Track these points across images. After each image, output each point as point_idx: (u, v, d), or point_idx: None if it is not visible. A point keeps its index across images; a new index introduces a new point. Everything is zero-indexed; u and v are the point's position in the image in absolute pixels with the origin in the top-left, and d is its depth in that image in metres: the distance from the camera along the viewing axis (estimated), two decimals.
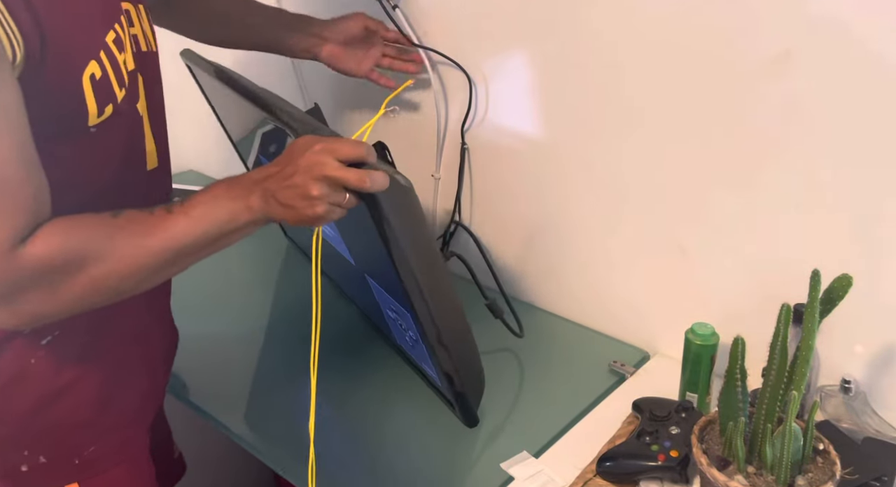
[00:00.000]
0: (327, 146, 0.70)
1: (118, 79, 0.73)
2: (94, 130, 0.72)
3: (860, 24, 0.83)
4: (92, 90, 0.69)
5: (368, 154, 0.71)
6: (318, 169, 0.69)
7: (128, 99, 0.75)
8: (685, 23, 0.96)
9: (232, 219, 0.72)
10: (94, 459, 0.85)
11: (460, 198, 1.33)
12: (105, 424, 0.86)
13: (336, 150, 0.70)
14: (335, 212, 0.72)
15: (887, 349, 0.93)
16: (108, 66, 0.71)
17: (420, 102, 1.31)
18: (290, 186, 0.70)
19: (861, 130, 0.87)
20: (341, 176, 0.69)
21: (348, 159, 0.70)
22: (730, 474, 0.76)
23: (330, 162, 0.69)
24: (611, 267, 1.17)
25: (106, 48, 0.71)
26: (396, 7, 1.24)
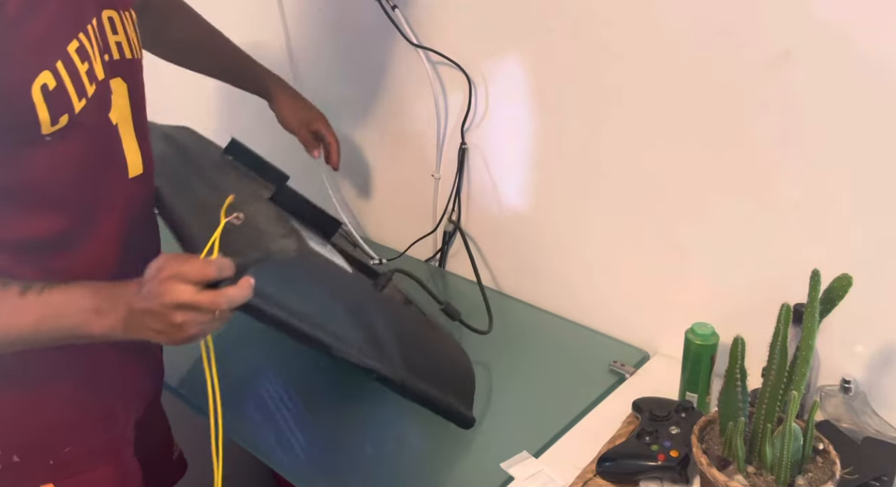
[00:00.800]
0: (175, 272, 0.69)
1: (77, 89, 0.72)
2: (49, 138, 0.71)
3: (860, 24, 0.84)
4: (44, 100, 0.68)
5: (220, 272, 0.70)
6: (170, 297, 0.68)
7: (92, 108, 0.74)
8: (686, 23, 0.96)
9: (85, 328, 0.72)
10: (71, 460, 0.85)
11: (460, 198, 1.33)
12: (82, 425, 0.86)
13: (184, 276, 0.69)
14: (210, 327, 0.72)
15: (887, 349, 0.93)
16: (65, 76, 0.70)
17: (420, 102, 1.31)
18: (153, 313, 0.70)
19: (861, 130, 0.87)
20: (194, 302, 0.69)
21: (200, 282, 0.69)
22: (730, 474, 0.76)
23: (180, 289, 0.68)
24: (611, 267, 1.17)
25: (65, 58, 0.70)
26: (396, 7, 1.24)
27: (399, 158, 1.41)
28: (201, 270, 0.69)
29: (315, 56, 1.46)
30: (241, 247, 0.76)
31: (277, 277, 0.76)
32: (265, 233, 0.82)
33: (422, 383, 0.86)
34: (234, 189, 0.93)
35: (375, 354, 0.82)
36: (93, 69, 0.74)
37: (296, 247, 0.80)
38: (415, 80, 1.30)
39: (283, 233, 0.84)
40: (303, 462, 0.96)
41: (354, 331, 0.82)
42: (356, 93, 1.42)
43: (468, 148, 1.28)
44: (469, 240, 1.36)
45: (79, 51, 0.72)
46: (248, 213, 0.84)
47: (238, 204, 0.88)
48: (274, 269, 0.75)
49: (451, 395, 0.90)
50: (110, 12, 0.78)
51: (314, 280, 0.81)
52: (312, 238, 0.91)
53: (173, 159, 1.01)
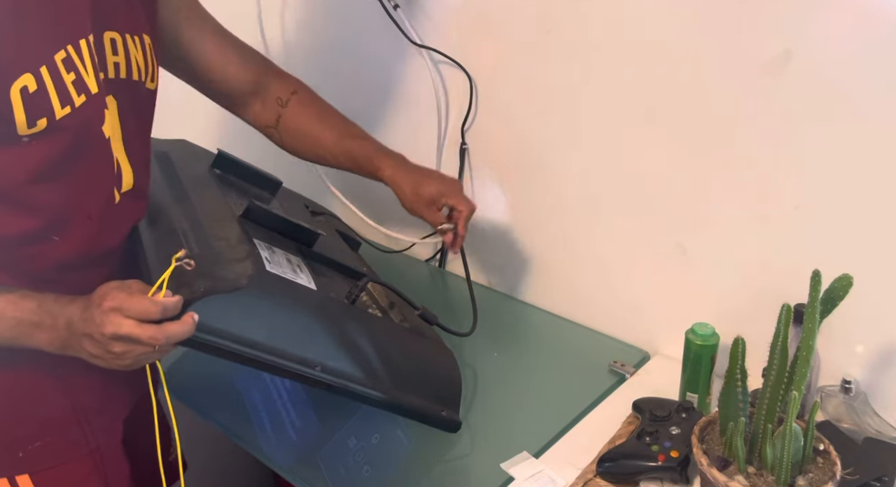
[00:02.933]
0: (118, 305, 0.70)
1: (61, 96, 0.73)
2: (26, 140, 0.72)
3: (860, 24, 0.83)
4: (21, 101, 0.70)
5: (163, 313, 0.71)
6: (110, 328, 0.69)
7: (79, 118, 0.75)
8: (687, 23, 0.96)
9: (22, 342, 0.74)
10: (42, 454, 0.85)
11: None
12: (53, 420, 0.86)
13: (126, 310, 0.70)
14: (150, 358, 0.73)
15: (887, 349, 0.93)
16: (48, 81, 0.72)
17: (420, 102, 1.31)
18: (92, 339, 0.71)
19: (861, 130, 0.87)
20: (133, 336, 0.69)
21: (140, 319, 0.70)
22: (730, 474, 0.76)
23: (119, 322, 0.69)
24: (611, 267, 1.17)
25: (50, 65, 0.72)
26: (397, 7, 1.24)
27: None
28: (144, 308, 0.70)
29: (316, 56, 1.46)
30: (190, 278, 0.77)
31: (224, 309, 0.76)
32: (221, 259, 0.83)
33: (396, 395, 0.86)
34: (209, 209, 0.95)
35: (339, 372, 0.82)
36: (82, 81, 0.76)
37: (250, 273, 0.80)
38: (416, 80, 1.30)
39: (240, 256, 0.83)
40: (303, 461, 0.96)
41: (314, 352, 0.82)
42: (357, 93, 1.42)
43: (468, 148, 1.28)
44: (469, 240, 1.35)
45: (65, 61, 0.73)
46: (209, 239, 0.86)
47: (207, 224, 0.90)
48: (220, 301, 0.76)
49: (433, 402, 0.90)
50: (113, 34, 0.81)
51: (266, 306, 0.81)
52: (283, 254, 0.91)
53: (156, 182, 1.02)
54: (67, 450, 0.87)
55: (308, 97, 1.09)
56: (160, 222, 0.92)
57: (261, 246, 0.88)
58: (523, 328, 1.25)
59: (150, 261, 0.84)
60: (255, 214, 0.94)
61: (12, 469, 0.84)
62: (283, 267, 0.87)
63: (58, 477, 0.87)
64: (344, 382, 0.83)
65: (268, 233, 0.95)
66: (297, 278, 0.87)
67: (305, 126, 1.07)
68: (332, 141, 1.05)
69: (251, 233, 0.91)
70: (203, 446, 1.31)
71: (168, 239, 0.88)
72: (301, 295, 0.85)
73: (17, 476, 0.84)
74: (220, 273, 0.80)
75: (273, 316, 0.81)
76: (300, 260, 0.94)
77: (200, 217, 0.93)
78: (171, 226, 0.90)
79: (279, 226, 0.97)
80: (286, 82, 1.09)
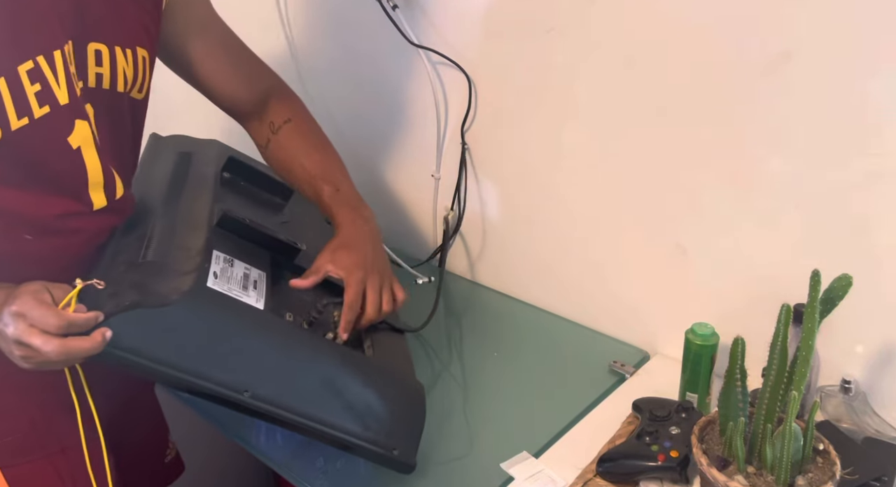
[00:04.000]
0: (22, 311, 0.69)
1: (18, 107, 0.73)
2: None
3: (860, 24, 0.83)
4: None
5: (66, 329, 0.70)
6: (12, 332, 0.69)
7: (38, 129, 0.75)
8: (687, 23, 0.96)
9: None
10: (12, 450, 0.86)
11: (460, 198, 1.33)
12: (19, 415, 0.86)
13: (29, 318, 0.69)
14: (50, 366, 0.72)
15: (887, 349, 0.93)
16: (5, 93, 0.72)
17: (420, 102, 1.31)
18: (0, 334, 0.71)
19: (861, 130, 0.87)
20: (34, 345, 0.69)
21: (41, 329, 0.69)
22: (730, 474, 0.76)
23: (22, 328, 0.69)
24: (611, 267, 1.17)
25: (10, 76, 0.72)
26: (396, 7, 1.24)
27: (399, 158, 1.41)
28: (45, 321, 0.69)
29: (315, 56, 1.46)
30: (121, 288, 0.76)
31: (145, 325, 0.74)
32: (166, 270, 0.81)
33: (337, 428, 0.81)
34: (191, 215, 0.93)
35: (270, 399, 0.78)
36: (50, 92, 0.75)
37: (185, 288, 0.77)
38: (415, 80, 1.30)
39: (187, 269, 0.81)
40: (303, 461, 0.96)
41: (243, 376, 0.78)
42: (356, 93, 1.42)
43: (468, 148, 1.28)
44: (468, 240, 1.36)
45: (31, 72, 0.73)
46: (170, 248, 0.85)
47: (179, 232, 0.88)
48: (142, 317, 0.74)
49: (384, 439, 0.83)
50: (98, 45, 0.81)
51: (194, 324, 0.78)
52: (243, 268, 0.88)
53: (160, 183, 1.01)
54: (37, 449, 0.88)
55: (299, 127, 1.07)
56: (138, 225, 0.91)
57: (217, 259, 0.85)
58: (523, 328, 1.25)
59: (101, 264, 0.83)
60: (229, 224, 0.92)
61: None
62: (232, 284, 0.83)
63: (28, 474, 0.87)
64: (276, 410, 0.78)
65: (242, 245, 0.92)
66: (243, 296, 0.83)
67: (287, 156, 1.06)
68: (304, 178, 1.04)
69: (220, 243, 0.88)
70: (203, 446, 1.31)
71: (133, 244, 0.87)
72: (239, 314, 0.81)
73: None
74: (155, 286, 0.78)
75: (201, 336, 0.78)
76: (262, 276, 0.90)
77: (177, 223, 0.91)
78: (142, 231, 0.89)
79: (255, 238, 0.95)
80: (284, 108, 1.08)
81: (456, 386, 1.11)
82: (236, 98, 1.04)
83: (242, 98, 1.05)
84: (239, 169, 1.13)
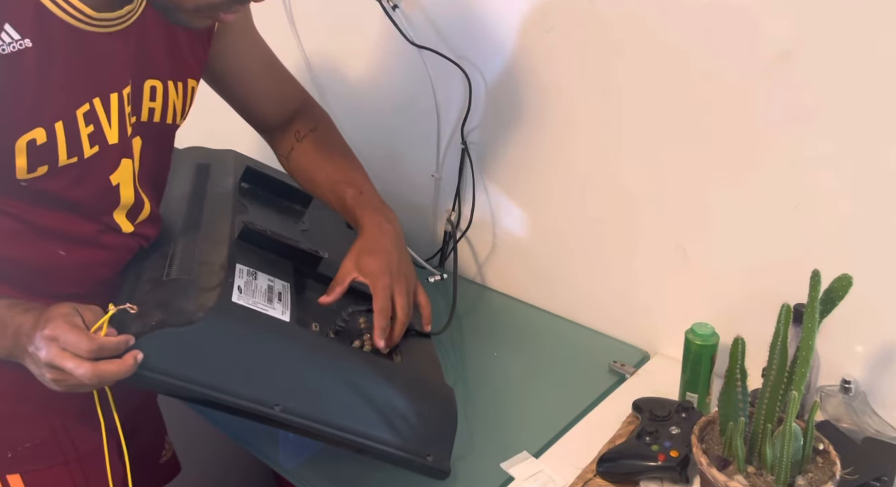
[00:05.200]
0: (54, 335, 0.69)
1: (71, 148, 0.74)
2: (24, 184, 0.73)
3: (860, 24, 0.83)
4: (26, 152, 0.71)
5: (98, 353, 0.70)
6: (45, 355, 0.69)
7: (83, 167, 0.77)
8: (687, 23, 0.96)
9: None
10: (32, 456, 0.86)
11: (460, 198, 1.33)
12: (39, 422, 0.87)
13: (60, 341, 0.69)
14: (81, 389, 0.72)
15: (887, 349, 0.93)
16: (60, 135, 0.73)
17: (419, 103, 1.31)
18: (31, 357, 0.71)
19: (861, 130, 0.87)
20: (66, 369, 0.69)
21: (73, 352, 0.69)
22: (730, 474, 0.76)
23: (54, 352, 0.69)
24: (611, 267, 1.17)
25: (68, 119, 0.73)
26: (396, 7, 1.24)
27: (399, 158, 1.41)
28: (78, 345, 0.69)
29: (314, 56, 1.46)
30: (147, 308, 0.76)
31: (173, 345, 0.74)
32: (191, 287, 0.81)
33: (369, 437, 0.80)
34: (212, 229, 0.94)
35: (301, 412, 0.78)
36: (101, 133, 0.77)
37: (210, 305, 0.77)
38: (415, 80, 1.29)
39: (211, 285, 0.81)
40: (303, 461, 0.96)
41: (273, 390, 0.78)
42: (356, 93, 1.42)
43: (468, 148, 1.28)
44: (469, 240, 1.36)
45: (87, 114, 0.75)
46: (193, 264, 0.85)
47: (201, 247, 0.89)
48: (169, 337, 0.73)
49: (417, 445, 0.83)
50: (154, 82, 0.83)
51: (221, 341, 0.77)
52: (266, 280, 0.88)
53: (181, 197, 1.02)
54: (55, 455, 0.88)
55: (324, 135, 1.08)
56: (161, 243, 0.92)
57: (240, 273, 0.85)
58: (523, 328, 1.25)
59: (126, 284, 0.84)
60: (250, 236, 0.92)
61: (3, 469, 0.85)
62: (257, 297, 0.83)
63: (47, 480, 0.87)
64: (308, 423, 0.78)
65: (264, 256, 0.92)
66: (268, 309, 0.83)
67: (309, 163, 1.05)
68: (327, 183, 1.03)
69: (242, 256, 0.88)
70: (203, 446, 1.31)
71: (157, 261, 0.87)
72: (265, 328, 0.81)
73: (7, 475, 0.85)
74: (180, 304, 0.78)
75: (229, 352, 0.77)
76: (286, 287, 0.89)
77: (199, 238, 0.91)
78: (166, 249, 0.90)
79: (277, 249, 0.94)
80: (311, 118, 1.08)
81: (456, 386, 1.11)
82: (269, 115, 1.06)
83: (275, 115, 1.06)
84: (257, 178, 1.13)
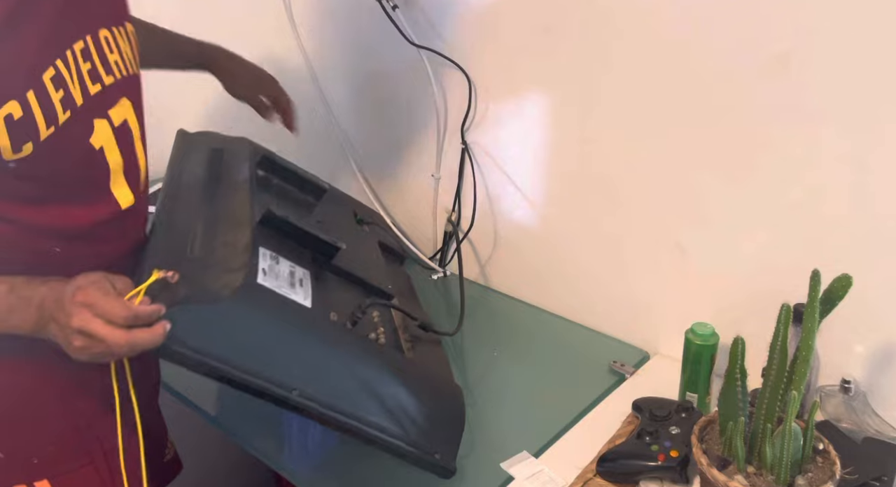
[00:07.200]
0: (88, 300, 0.68)
1: (47, 117, 0.71)
2: (12, 165, 0.70)
3: (859, 25, 0.84)
4: (6, 129, 0.67)
5: (133, 320, 0.69)
6: (76, 322, 0.68)
7: (62, 136, 0.73)
8: (686, 23, 0.96)
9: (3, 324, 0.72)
10: (57, 458, 0.85)
11: (460, 198, 1.33)
12: (62, 421, 0.85)
13: (96, 309, 0.68)
14: (111, 357, 0.71)
15: (887, 349, 0.93)
16: (34, 105, 0.69)
17: (420, 103, 1.31)
18: (58, 324, 0.70)
19: (861, 130, 0.87)
20: (98, 335, 0.68)
21: (110, 321, 0.68)
22: (730, 474, 0.76)
23: (87, 318, 0.68)
24: (610, 267, 1.17)
25: (38, 88, 0.69)
26: (396, 7, 1.24)
27: (399, 158, 1.41)
28: (114, 311, 0.69)
29: (315, 56, 1.46)
30: (176, 284, 0.75)
31: (199, 321, 0.74)
32: (216, 266, 0.80)
33: (381, 429, 0.81)
34: (231, 212, 0.93)
35: (319, 399, 0.78)
36: (70, 96, 0.73)
37: (236, 285, 0.77)
38: (415, 80, 1.30)
39: (236, 266, 0.80)
40: (303, 461, 0.96)
41: (293, 375, 0.78)
42: (356, 93, 1.42)
43: (468, 148, 1.28)
44: (470, 240, 1.36)
45: (54, 79, 0.71)
46: (215, 244, 0.84)
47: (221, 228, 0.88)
48: (197, 313, 0.73)
49: (425, 441, 0.83)
50: (105, 31, 0.78)
51: (245, 321, 0.77)
52: (288, 265, 0.88)
53: (196, 180, 1.00)
54: (81, 455, 0.87)
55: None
56: (179, 220, 0.90)
57: (264, 256, 0.85)
58: (523, 328, 1.25)
59: (144, 263, 0.82)
60: (272, 222, 0.92)
61: (31, 476, 0.83)
62: (280, 281, 0.84)
63: (77, 482, 0.86)
64: (323, 410, 0.78)
65: (284, 242, 0.92)
66: (291, 293, 0.83)
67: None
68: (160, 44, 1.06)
69: (264, 241, 0.88)
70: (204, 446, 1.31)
71: (177, 239, 0.86)
72: (288, 312, 0.81)
73: (36, 482, 0.83)
74: (206, 282, 0.77)
75: (252, 333, 0.78)
76: (306, 274, 0.90)
77: (219, 220, 0.91)
78: (185, 226, 0.88)
79: (297, 236, 0.94)
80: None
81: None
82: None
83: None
84: (273, 167, 1.11)
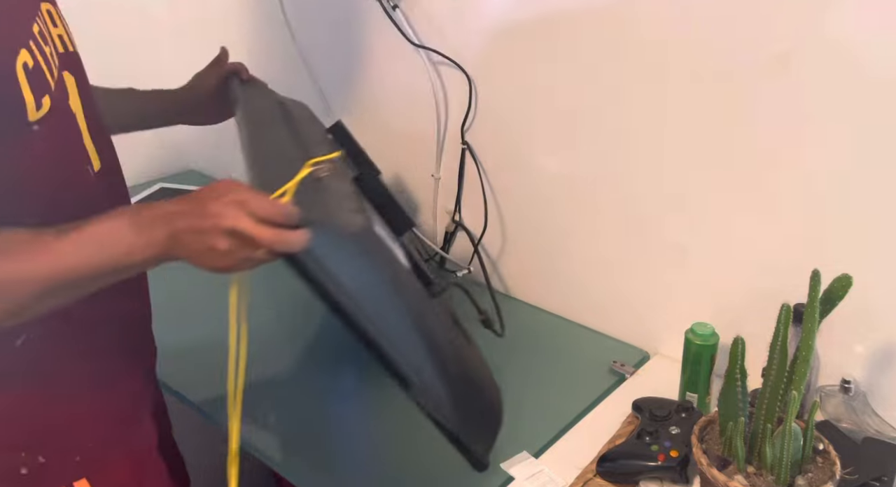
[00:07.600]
0: (240, 198, 0.66)
1: (49, 68, 0.69)
2: (36, 128, 0.68)
3: (859, 25, 0.84)
4: (27, 79, 0.65)
5: (286, 218, 0.66)
6: (227, 221, 0.65)
7: (58, 94, 0.72)
8: (686, 24, 0.96)
9: (129, 253, 0.66)
10: (96, 457, 0.84)
11: (460, 198, 1.33)
12: (100, 422, 0.85)
13: (248, 204, 0.65)
14: (245, 265, 0.68)
15: (887, 349, 0.93)
16: (38, 55, 0.67)
17: (420, 102, 1.31)
18: (197, 232, 0.66)
19: (861, 130, 0.87)
20: (250, 232, 0.64)
21: (262, 217, 0.65)
22: (730, 474, 0.76)
23: (240, 216, 0.65)
24: (610, 266, 1.17)
25: (34, 38, 0.68)
26: (396, 7, 1.24)
27: (399, 158, 1.41)
28: (269, 208, 0.66)
29: (315, 56, 1.46)
30: (305, 204, 0.71)
31: (333, 243, 0.70)
32: (335, 203, 0.77)
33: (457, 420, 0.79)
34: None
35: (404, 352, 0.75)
36: (55, 53, 0.72)
37: (361, 225, 0.74)
38: (415, 80, 1.29)
39: (353, 208, 0.78)
40: (303, 461, 0.96)
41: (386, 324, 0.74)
42: (356, 93, 1.42)
43: (468, 148, 1.28)
44: (469, 240, 1.36)
45: (40, 34, 0.70)
46: (326, 180, 0.79)
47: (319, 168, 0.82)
48: (332, 234, 0.70)
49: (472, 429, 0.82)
50: (47, 5, 0.76)
51: (369, 261, 0.75)
52: (383, 227, 0.86)
53: (278, 116, 0.97)
54: (115, 453, 0.86)
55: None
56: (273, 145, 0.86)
57: (370, 211, 0.83)
58: (523, 328, 1.25)
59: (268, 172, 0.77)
60: (366, 182, 0.89)
61: (70, 475, 0.82)
62: (386, 237, 0.82)
63: (112, 480, 0.85)
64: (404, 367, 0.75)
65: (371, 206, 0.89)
66: (394, 250, 0.82)
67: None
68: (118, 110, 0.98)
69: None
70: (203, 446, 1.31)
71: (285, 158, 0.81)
72: (399, 267, 0.79)
73: (74, 481, 0.82)
74: (335, 212, 0.74)
75: (366, 271, 0.74)
76: (392, 238, 0.88)
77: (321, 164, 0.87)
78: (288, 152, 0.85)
79: (383, 203, 0.91)
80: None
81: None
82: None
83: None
84: (343, 136, 1.06)
